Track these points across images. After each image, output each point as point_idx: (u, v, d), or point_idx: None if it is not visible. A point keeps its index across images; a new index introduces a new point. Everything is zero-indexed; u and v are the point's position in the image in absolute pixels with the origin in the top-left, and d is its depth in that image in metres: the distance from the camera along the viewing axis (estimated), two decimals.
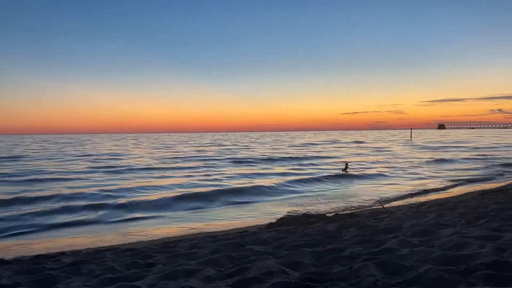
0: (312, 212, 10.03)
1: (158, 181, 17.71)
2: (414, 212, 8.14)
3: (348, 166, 21.79)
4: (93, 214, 10.61)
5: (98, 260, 5.20)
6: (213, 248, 5.31)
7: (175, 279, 3.91)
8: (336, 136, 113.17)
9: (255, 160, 28.90)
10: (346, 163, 22.19)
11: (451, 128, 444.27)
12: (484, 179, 17.47)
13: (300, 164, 25.83)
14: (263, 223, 8.84)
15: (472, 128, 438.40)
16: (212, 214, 10.99)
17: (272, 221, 8.35)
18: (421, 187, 14.91)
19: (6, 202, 12.25)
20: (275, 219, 8.52)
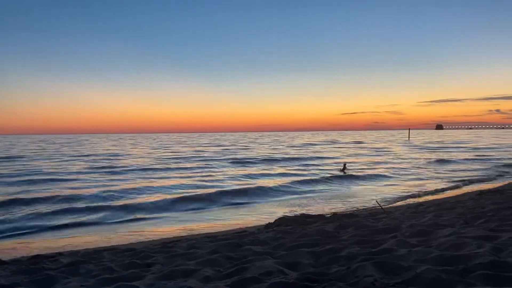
0: (311, 212, 10.03)
1: (157, 181, 17.70)
2: (412, 212, 8.16)
3: (346, 166, 21.86)
4: (91, 215, 10.59)
5: (96, 260, 5.20)
6: (212, 248, 5.31)
7: (173, 279, 3.91)
8: (335, 137, 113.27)
9: (254, 161, 28.91)
10: (344, 164, 22.26)
11: (449, 128, 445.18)
12: (485, 179, 17.41)
13: (299, 165, 25.85)
14: (261, 224, 8.84)
15: (470, 128, 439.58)
16: (210, 214, 10.99)
17: (271, 222, 8.36)
18: (421, 188, 14.91)
19: (4, 203, 12.20)
20: (274, 219, 8.52)
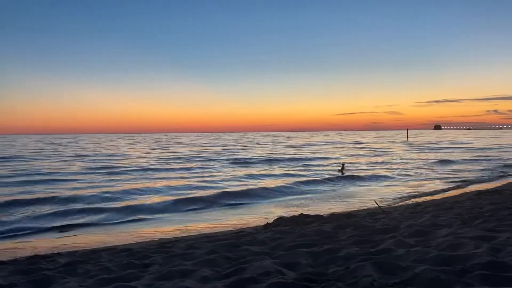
0: (309, 213, 10.03)
1: (155, 182, 17.68)
2: (411, 212, 8.17)
3: (345, 167, 21.86)
4: (89, 216, 10.56)
5: (94, 260, 5.18)
6: (210, 248, 5.30)
7: (171, 279, 3.90)
8: (334, 137, 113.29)
9: (254, 161, 28.90)
10: (343, 164, 22.26)
11: (447, 129, 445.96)
12: (485, 180, 17.29)
13: (298, 165, 25.84)
14: (260, 224, 8.83)
15: (468, 129, 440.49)
16: (209, 215, 10.97)
17: (269, 222, 8.35)
18: (421, 189, 14.86)
19: (2, 204, 12.12)
20: (272, 219, 8.51)
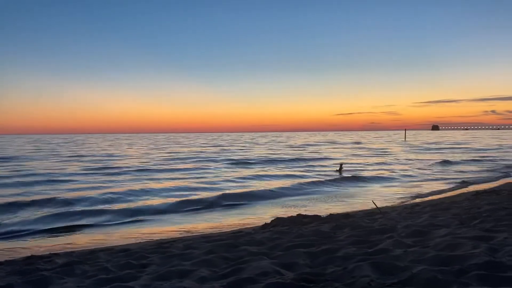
0: (307, 213, 10.03)
1: (154, 183, 17.65)
2: (408, 213, 8.17)
3: (343, 167, 21.89)
4: (87, 217, 10.52)
5: (91, 260, 5.17)
6: (208, 248, 5.29)
7: (169, 279, 3.89)
8: (333, 137, 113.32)
9: (253, 161, 28.87)
10: (341, 164, 22.29)
11: (444, 129, 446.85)
12: (487, 180, 17.13)
13: (297, 165, 25.84)
14: (258, 224, 8.83)
15: (466, 129, 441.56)
16: (207, 215, 10.96)
17: (267, 222, 8.35)
18: (421, 189, 14.81)
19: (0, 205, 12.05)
20: (270, 219, 8.51)
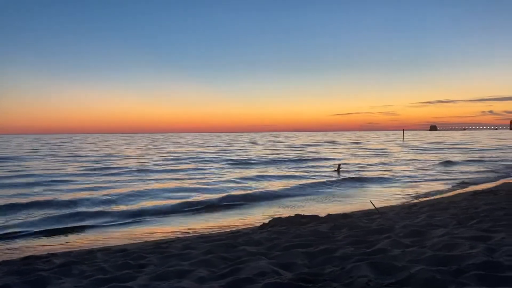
0: (305, 213, 10.04)
1: (153, 184, 17.60)
2: (406, 213, 8.19)
3: (341, 167, 21.94)
4: (85, 218, 10.49)
5: (89, 261, 5.16)
6: (206, 248, 5.29)
7: (167, 280, 3.89)
8: (331, 137, 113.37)
9: (251, 162, 28.83)
10: (339, 165, 22.36)
11: (442, 129, 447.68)
12: (488, 181, 17.05)
13: (295, 166, 25.84)
14: (256, 224, 8.83)
15: (464, 129, 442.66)
16: (206, 215, 10.94)
17: (265, 222, 8.35)
18: (421, 190, 14.78)
19: None
20: (268, 220, 8.51)
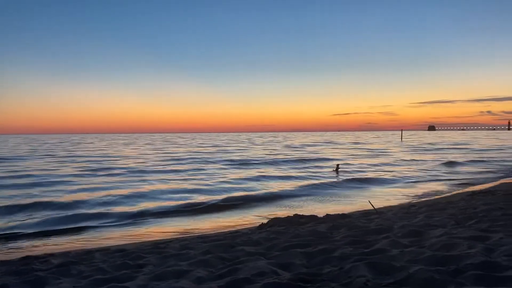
0: (304, 213, 10.04)
1: (152, 184, 17.57)
2: (405, 213, 8.20)
3: (339, 167, 21.95)
4: (84, 218, 10.46)
5: (87, 261, 5.15)
6: (204, 249, 5.29)
7: (165, 280, 3.88)
8: (330, 137, 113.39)
9: (251, 162, 28.81)
10: (337, 165, 22.38)
11: (441, 129, 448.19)
12: (489, 181, 16.86)
13: (295, 166, 25.81)
14: (255, 224, 8.83)
15: (462, 129, 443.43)
16: (205, 216, 10.93)
17: (264, 222, 8.35)
18: (421, 190, 14.74)
19: None
20: (267, 220, 8.51)
